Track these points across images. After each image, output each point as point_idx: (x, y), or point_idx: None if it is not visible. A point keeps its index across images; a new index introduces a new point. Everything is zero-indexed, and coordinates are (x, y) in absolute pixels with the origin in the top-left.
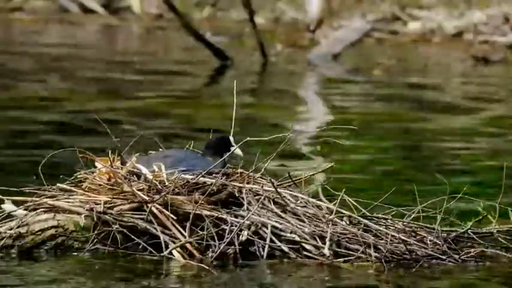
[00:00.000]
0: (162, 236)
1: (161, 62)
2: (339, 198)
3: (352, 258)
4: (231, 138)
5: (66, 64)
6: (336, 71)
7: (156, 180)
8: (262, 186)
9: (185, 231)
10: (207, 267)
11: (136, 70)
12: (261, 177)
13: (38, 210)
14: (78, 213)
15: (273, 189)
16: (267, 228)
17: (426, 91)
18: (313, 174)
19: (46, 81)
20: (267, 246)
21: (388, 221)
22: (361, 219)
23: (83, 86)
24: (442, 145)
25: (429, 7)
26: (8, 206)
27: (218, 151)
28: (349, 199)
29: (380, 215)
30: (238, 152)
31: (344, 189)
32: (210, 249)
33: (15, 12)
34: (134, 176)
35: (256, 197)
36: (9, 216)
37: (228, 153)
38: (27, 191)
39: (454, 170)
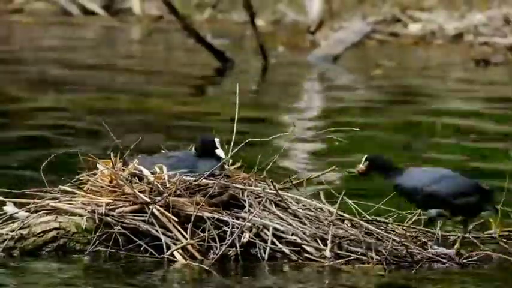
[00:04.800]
0: (163, 238)
1: (162, 64)
2: (339, 201)
3: (353, 260)
4: (217, 140)
5: (66, 65)
6: (336, 73)
7: (158, 182)
8: (263, 189)
9: (186, 233)
10: (208, 269)
11: (137, 71)
12: (262, 180)
13: (39, 212)
14: (80, 215)
15: (274, 192)
16: (268, 230)
17: (426, 92)
18: (315, 177)
19: (47, 82)
20: (268, 248)
21: (389, 225)
22: (362, 223)
23: (82, 87)
24: (442, 147)
25: (430, 9)
26: (9, 208)
27: (204, 153)
28: (350, 202)
29: (381, 219)
30: (221, 153)
31: (344, 191)
32: (212, 251)
33: (16, 14)
34: (136, 177)
35: (258, 199)
36: (11, 218)
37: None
38: (29, 193)
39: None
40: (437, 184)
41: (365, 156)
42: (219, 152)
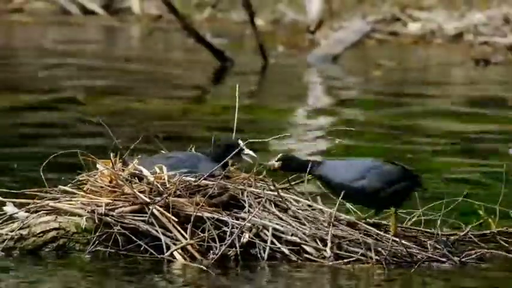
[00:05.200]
0: (163, 238)
1: (161, 63)
2: (338, 202)
3: (352, 260)
4: (240, 142)
5: (66, 66)
6: (336, 72)
7: (158, 182)
8: (263, 189)
9: (186, 233)
10: (208, 269)
11: (136, 71)
12: (262, 180)
13: (39, 212)
14: (80, 215)
15: (274, 192)
16: (268, 230)
17: (426, 92)
18: (313, 178)
19: (47, 82)
20: (267, 248)
21: (388, 226)
22: (362, 223)
23: (83, 87)
24: (442, 148)
25: (429, 8)
26: (9, 208)
27: (227, 156)
28: (348, 204)
29: (380, 220)
30: (251, 153)
31: (343, 193)
32: (211, 251)
33: (15, 14)
34: (136, 178)
35: (258, 200)
36: (11, 218)
37: (231, 156)
38: (29, 193)
39: (454, 173)
40: (363, 178)
41: (279, 155)
42: (248, 152)
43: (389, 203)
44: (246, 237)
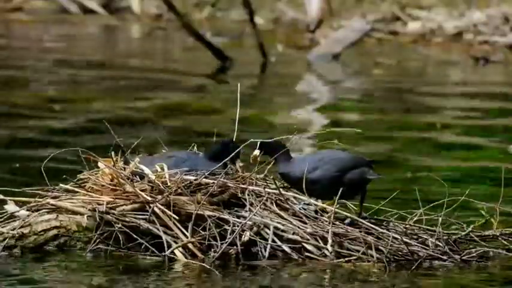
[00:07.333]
0: (164, 236)
1: (161, 63)
2: (337, 199)
3: (353, 258)
4: (239, 147)
5: (67, 65)
6: (336, 71)
7: (159, 181)
8: (264, 188)
9: (187, 232)
10: (209, 267)
11: (136, 71)
12: (263, 179)
13: (40, 211)
14: (81, 214)
15: (275, 191)
16: (269, 228)
17: (426, 91)
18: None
19: (48, 81)
20: (268, 246)
21: (390, 224)
22: (363, 221)
23: (84, 86)
24: (441, 147)
25: (429, 7)
26: (10, 207)
27: (222, 157)
28: (348, 203)
29: (382, 218)
30: (238, 167)
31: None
32: (212, 250)
33: (15, 13)
34: (137, 176)
35: (259, 198)
36: (12, 216)
37: (227, 158)
38: (30, 191)
39: (454, 173)
40: (318, 169)
41: (259, 142)
42: (238, 165)
43: (349, 190)
44: (247, 235)
